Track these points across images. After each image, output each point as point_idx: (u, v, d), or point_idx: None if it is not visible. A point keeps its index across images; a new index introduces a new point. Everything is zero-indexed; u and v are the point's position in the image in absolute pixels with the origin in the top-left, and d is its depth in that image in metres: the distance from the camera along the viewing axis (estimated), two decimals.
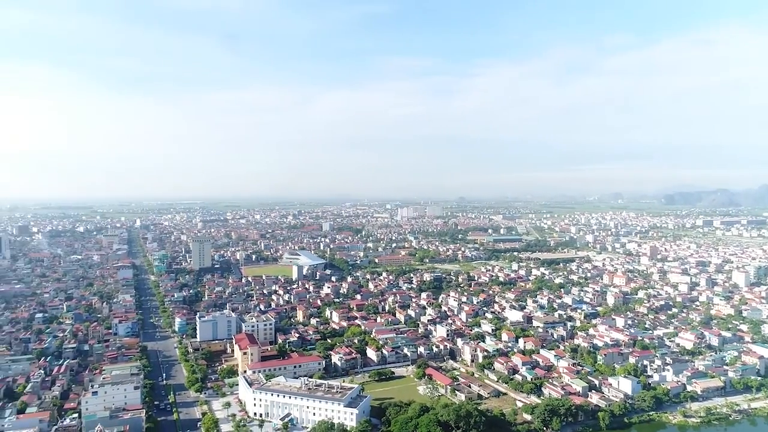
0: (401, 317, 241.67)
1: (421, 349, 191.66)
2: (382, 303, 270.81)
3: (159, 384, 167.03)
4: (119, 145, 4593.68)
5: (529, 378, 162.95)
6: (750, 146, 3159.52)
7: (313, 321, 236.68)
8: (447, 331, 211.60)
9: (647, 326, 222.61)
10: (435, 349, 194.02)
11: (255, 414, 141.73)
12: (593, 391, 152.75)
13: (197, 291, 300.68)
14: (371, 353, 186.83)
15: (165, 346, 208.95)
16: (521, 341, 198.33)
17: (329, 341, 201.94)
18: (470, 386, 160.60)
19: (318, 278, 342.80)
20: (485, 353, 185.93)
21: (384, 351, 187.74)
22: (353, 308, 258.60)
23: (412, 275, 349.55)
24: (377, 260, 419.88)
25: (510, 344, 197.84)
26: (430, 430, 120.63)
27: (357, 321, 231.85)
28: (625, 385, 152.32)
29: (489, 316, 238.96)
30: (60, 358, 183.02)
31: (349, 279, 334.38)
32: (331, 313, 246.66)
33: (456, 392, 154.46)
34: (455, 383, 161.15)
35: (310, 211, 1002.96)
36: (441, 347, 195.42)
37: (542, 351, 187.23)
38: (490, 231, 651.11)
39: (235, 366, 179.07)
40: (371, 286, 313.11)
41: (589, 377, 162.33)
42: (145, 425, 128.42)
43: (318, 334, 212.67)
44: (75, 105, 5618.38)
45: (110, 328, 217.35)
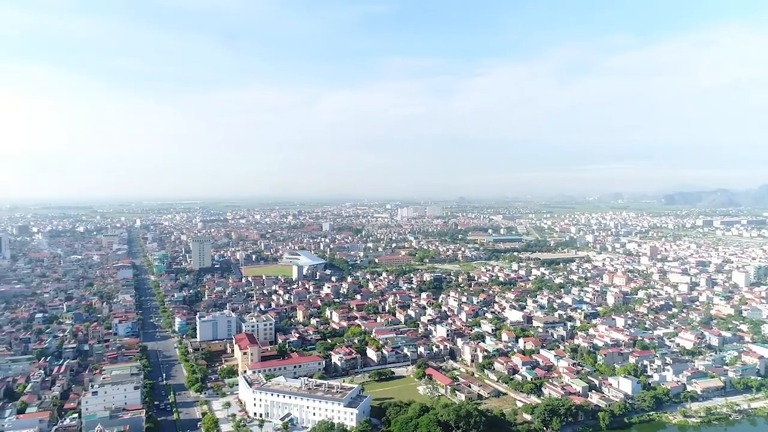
0: (401, 317, 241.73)
1: (421, 349, 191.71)
2: (382, 303, 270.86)
3: (159, 384, 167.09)
4: (119, 145, 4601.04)
5: (529, 378, 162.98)
6: (750, 146, 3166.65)
7: (313, 321, 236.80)
8: (447, 331, 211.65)
9: (647, 326, 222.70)
10: (435, 349, 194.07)
11: (255, 414, 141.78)
12: (593, 391, 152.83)
13: (197, 291, 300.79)
14: (371, 353, 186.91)
15: (165, 346, 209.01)
16: (521, 341, 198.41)
17: (329, 341, 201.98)
18: (470, 386, 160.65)
19: (318, 278, 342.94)
20: (485, 353, 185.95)
21: (384, 351, 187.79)
22: (353, 308, 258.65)
23: (412, 275, 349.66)
24: (377, 260, 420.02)
25: (510, 344, 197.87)
26: (430, 430, 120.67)
27: (357, 321, 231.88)
28: (625, 385, 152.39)
29: (489, 316, 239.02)
30: (60, 358, 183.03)
31: (349, 279, 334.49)
32: (331, 313, 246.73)
33: (456, 392, 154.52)
34: (455, 383, 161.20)
35: (310, 211, 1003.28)
36: (441, 347, 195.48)
37: (542, 351, 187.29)
38: (490, 231, 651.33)
39: (235, 366, 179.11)
40: (371, 286, 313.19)
41: (589, 377, 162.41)
42: (145, 425, 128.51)
43: (318, 334, 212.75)
44: (75, 105, 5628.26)
45: (110, 328, 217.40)
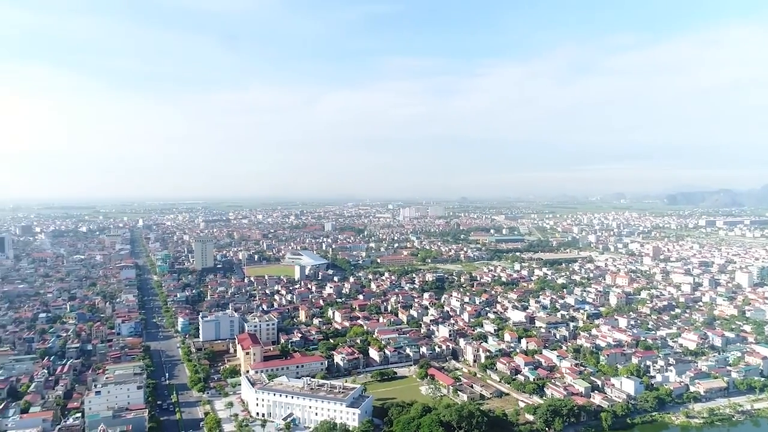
0: (403, 317, 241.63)
1: (424, 350, 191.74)
2: (385, 303, 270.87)
3: (162, 384, 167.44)
4: (119, 145, 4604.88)
5: (532, 378, 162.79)
6: (753, 146, 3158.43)
7: (316, 321, 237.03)
8: (449, 332, 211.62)
9: (650, 327, 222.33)
10: (437, 350, 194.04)
11: (257, 414, 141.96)
12: (596, 392, 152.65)
13: (200, 291, 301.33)
14: (373, 353, 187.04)
15: (168, 346, 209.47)
16: (524, 341, 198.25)
17: (332, 341, 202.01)
18: (472, 386, 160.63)
19: (320, 278, 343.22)
20: (488, 353, 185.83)
21: (386, 351, 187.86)
22: (355, 308, 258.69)
23: (415, 275, 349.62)
24: (379, 260, 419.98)
25: (512, 344, 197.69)
26: (432, 431, 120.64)
27: (359, 321, 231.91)
28: (628, 386, 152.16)
29: (491, 317, 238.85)
30: (63, 358, 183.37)
31: (352, 279, 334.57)
32: (334, 313, 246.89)
33: (458, 392, 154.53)
34: (457, 383, 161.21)
35: (313, 211, 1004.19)
36: (443, 347, 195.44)
37: (545, 351, 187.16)
38: (493, 231, 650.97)
39: (238, 366, 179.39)
40: (373, 287, 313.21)
41: (592, 378, 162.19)
42: (148, 425, 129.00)
43: (320, 334, 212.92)
44: (75, 105, 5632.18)
45: (113, 328, 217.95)
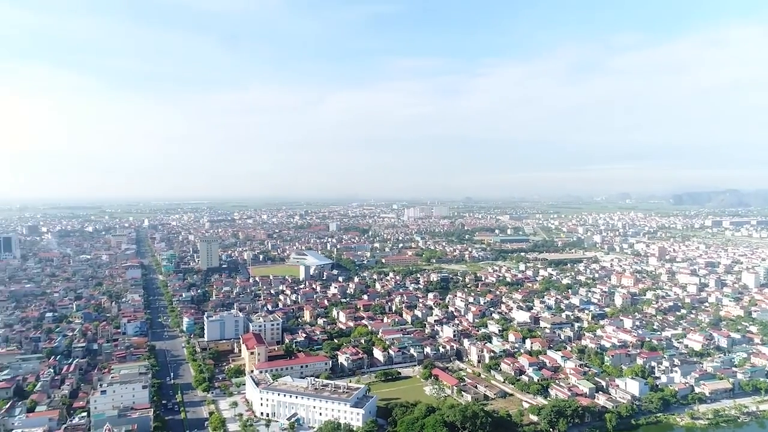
0: (408, 318, 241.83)
1: (428, 350, 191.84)
2: (389, 303, 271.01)
3: (167, 383, 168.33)
4: (119, 145, 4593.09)
5: (536, 379, 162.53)
6: (760, 146, 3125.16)
7: (320, 321, 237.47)
8: (454, 332, 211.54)
9: (655, 327, 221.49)
10: (441, 350, 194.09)
11: (262, 414, 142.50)
12: (600, 393, 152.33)
13: (205, 291, 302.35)
14: (378, 353, 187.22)
15: (173, 346, 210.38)
16: (528, 342, 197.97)
17: (336, 341, 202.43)
18: (476, 387, 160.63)
19: (325, 278, 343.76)
20: (492, 354, 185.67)
21: (390, 351, 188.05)
22: (360, 308, 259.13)
23: (419, 275, 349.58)
24: (384, 260, 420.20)
25: (517, 345, 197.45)
26: (436, 431, 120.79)
27: (364, 321, 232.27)
28: (633, 387, 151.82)
29: (496, 317, 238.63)
30: (69, 357, 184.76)
31: (356, 279, 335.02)
32: (338, 314, 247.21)
33: (462, 393, 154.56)
34: (461, 384, 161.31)
35: (317, 211, 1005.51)
36: (447, 348, 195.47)
37: (549, 352, 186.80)
38: (497, 231, 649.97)
39: (242, 366, 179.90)
40: (378, 287, 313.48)
41: (596, 378, 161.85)
42: (153, 424, 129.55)
43: (325, 334, 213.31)
44: (75, 105, 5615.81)
45: (119, 328, 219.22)
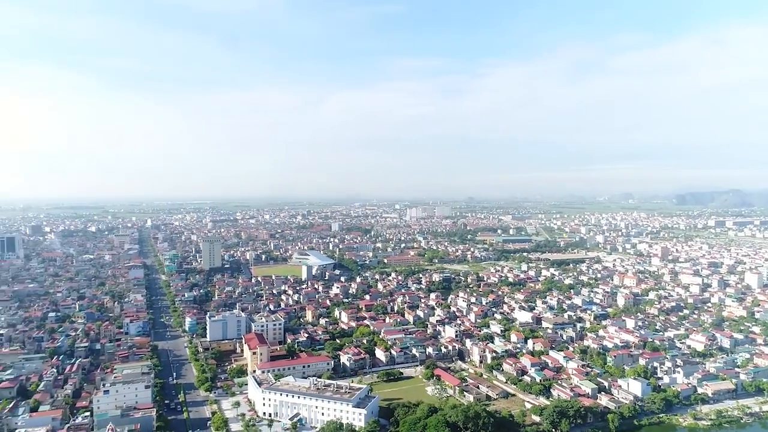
0: (410, 318, 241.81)
1: (430, 350, 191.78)
2: (391, 303, 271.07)
3: (169, 383, 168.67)
4: (120, 145, 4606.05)
5: (538, 379, 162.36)
6: (761, 146, 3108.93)
7: (322, 321, 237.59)
8: (456, 332, 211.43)
9: (658, 328, 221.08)
10: (443, 350, 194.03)
11: (264, 413, 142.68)
12: (603, 393, 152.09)
13: (207, 291, 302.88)
14: (380, 354, 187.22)
15: (175, 346, 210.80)
16: (530, 342, 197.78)
17: (338, 341, 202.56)
18: (479, 387, 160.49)
19: (327, 278, 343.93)
20: (494, 354, 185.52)
21: (392, 351, 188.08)
22: (362, 308, 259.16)
23: (421, 276, 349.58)
24: (386, 260, 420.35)
25: (519, 345, 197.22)
26: (439, 431, 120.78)
27: (366, 321, 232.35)
28: (635, 387, 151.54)
29: (498, 317, 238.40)
30: (72, 357, 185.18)
31: (358, 279, 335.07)
32: (340, 314, 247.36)
33: (464, 393, 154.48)
34: (464, 384, 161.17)
35: (320, 211, 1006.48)
36: (450, 348, 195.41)
37: (551, 352, 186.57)
38: (500, 231, 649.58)
39: (245, 365, 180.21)
40: (380, 287, 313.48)
41: (599, 379, 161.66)
42: (156, 424, 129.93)
43: (327, 335, 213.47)
44: (75, 105, 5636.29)
45: (121, 328, 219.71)
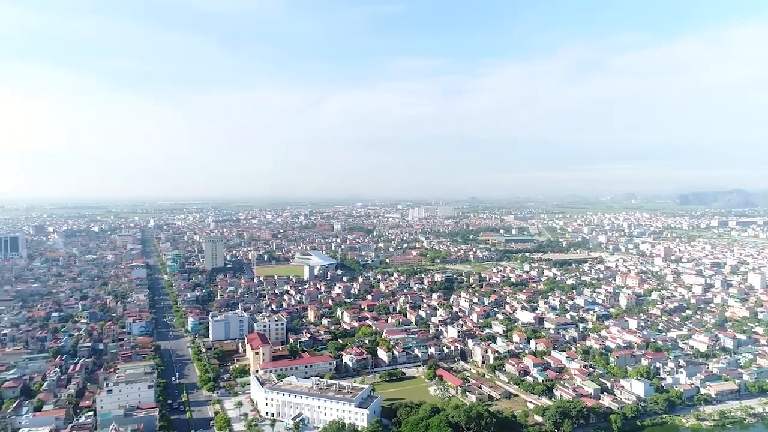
0: (412, 318, 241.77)
1: (432, 350, 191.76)
2: (393, 303, 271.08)
3: (172, 383, 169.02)
4: (120, 145, 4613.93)
5: (541, 379, 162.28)
6: (761, 146, 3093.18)
7: (325, 321, 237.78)
8: (458, 332, 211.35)
9: (660, 328, 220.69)
10: (446, 350, 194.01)
11: (267, 413, 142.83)
12: (605, 394, 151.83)
13: (210, 291, 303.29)
14: (382, 354, 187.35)
15: (178, 346, 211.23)
16: (533, 342, 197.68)
17: (340, 341, 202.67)
18: (481, 387, 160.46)
19: (329, 278, 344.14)
20: (496, 354, 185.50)
21: (395, 351, 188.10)
22: (364, 309, 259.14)
23: (423, 276, 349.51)
24: (388, 260, 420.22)
25: (521, 345, 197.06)
26: (441, 431, 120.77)
27: (368, 321, 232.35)
28: (638, 388, 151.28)
29: (500, 317, 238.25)
30: (75, 357, 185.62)
31: (360, 279, 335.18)
32: (342, 314, 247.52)
33: (467, 393, 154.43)
34: (466, 384, 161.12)
35: (322, 211, 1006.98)
36: (452, 348, 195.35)
37: (554, 352, 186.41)
38: (502, 231, 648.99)
39: (247, 365, 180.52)
40: (382, 287, 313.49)
41: (601, 379, 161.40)
42: (159, 424, 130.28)
43: (329, 335, 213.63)
44: (75, 105, 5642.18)
45: (124, 327, 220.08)
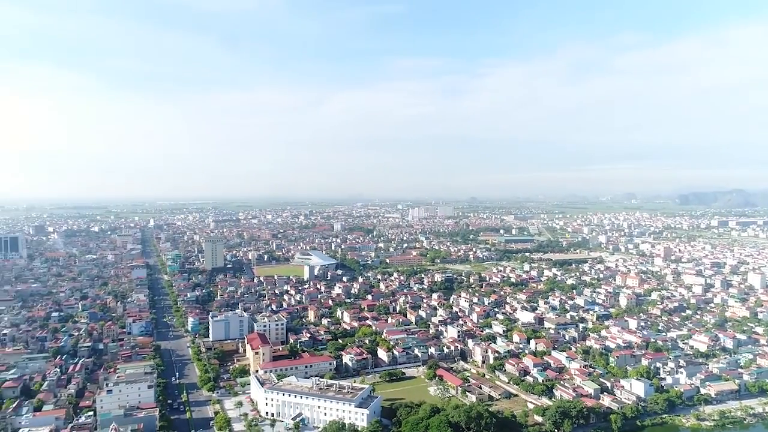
0: (412, 318, 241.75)
1: (432, 350, 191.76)
2: (393, 303, 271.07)
3: (172, 383, 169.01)
4: (120, 145, 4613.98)
5: (541, 379, 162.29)
6: (761, 146, 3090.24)
7: (325, 321, 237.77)
8: (458, 332, 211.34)
9: (660, 328, 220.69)
10: (446, 350, 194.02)
11: (267, 413, 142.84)
12: (605, 394, 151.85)
13: (210, 291, 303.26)
14: (382, 354, 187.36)
15: (178, 346, 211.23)
16: (533, 342, 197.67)
17: (340, 341, 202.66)
18: (481, 387, 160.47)
19: (329, 278, 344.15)
20: (496, 354, 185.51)
21: (395, 351, 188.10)
22: (364, 308, 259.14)
23: (423, 276, 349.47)
24: (388, 260, 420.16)
25: (521, 345, 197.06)
26: (441, 431, 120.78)
27: (368, 321, 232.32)
28: (638, 388, 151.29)
29: (500, 317, 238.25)
30: (75, 357, 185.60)
31: (360, 279, 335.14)
32: (342, 314, 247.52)
33: (467, 393, 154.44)
34: (466, 384, 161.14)
35: (322, 211, 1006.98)
36: (452, 348, 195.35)
37: (554, 352, 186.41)
38: (502, 231, 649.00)
39: (247, 365, 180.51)
40: (382, 287, 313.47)
41: (601, 379, 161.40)
42: (159, 423, 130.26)
43: (329, 335, 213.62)
44: (75, 105, 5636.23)
45: (124, 327, 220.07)
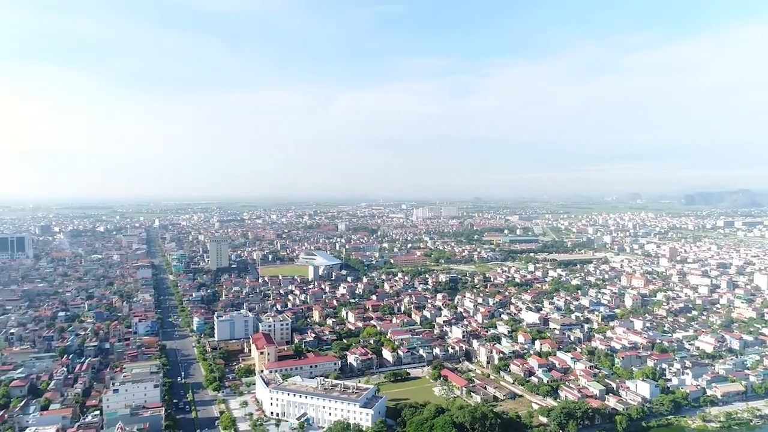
0: (417, 318, 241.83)
1: (437, 350, 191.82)
2: (398, 304, 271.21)
3: (177, 382, 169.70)
4: (120, 145, 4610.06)
5: (546, 380, 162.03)
6: (762, 146, 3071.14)
7: (329, 321, 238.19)
8: (463, 333, 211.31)
9: (666, 329, 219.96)
10: (450, 351, 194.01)
11: (272, 413, 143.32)
12: (610, 395, 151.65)
13: (215, 291, 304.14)
14: (387, 354, 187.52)
15: (183, 345, 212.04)
16: (537, 343, 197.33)
17: (345, 341, 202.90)
18: (486, 388, 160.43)
19: (334, 278, 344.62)
20: (501, 355, 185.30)
21: (399, 352, 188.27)
22: (369, 309, 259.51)
23: (428, 276, 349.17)
24: (393, 261, 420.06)
25: (526, 346, 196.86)
26: (446, 431, 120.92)
27: (372, 321, 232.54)
28: (643, 389, 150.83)
29: (505, 318, 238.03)
30: (82, 356, 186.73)
31: (365, 279, 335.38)
32: (347, 314, 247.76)
33: (471, 394, 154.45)
34: (471, 385, 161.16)
35: (326, 211, 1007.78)
36: (456, 348, 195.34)
37: (559, 353, 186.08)
38: (507, 231, 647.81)
39: (252, 365, 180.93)
40: (387, 287, 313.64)
41: (607, 380, 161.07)
42: (164, 423, 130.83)
43: (334, 335, 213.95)
44: (75, 105, 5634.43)
45: (130, 327, 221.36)
